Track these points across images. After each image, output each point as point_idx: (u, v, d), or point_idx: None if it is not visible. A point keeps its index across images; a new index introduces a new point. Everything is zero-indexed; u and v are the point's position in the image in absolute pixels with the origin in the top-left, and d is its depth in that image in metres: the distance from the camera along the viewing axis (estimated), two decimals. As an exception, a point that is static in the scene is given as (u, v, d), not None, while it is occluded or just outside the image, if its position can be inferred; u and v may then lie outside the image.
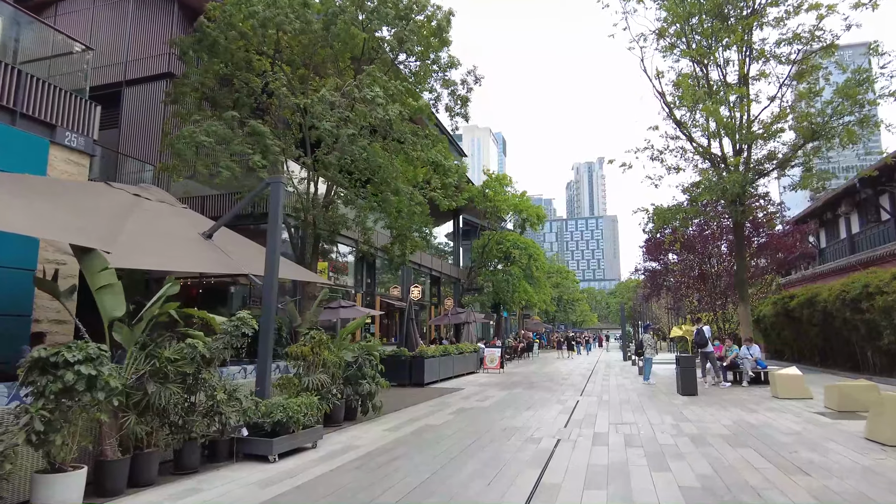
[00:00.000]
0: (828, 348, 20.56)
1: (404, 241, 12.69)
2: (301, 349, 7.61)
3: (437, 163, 10.80)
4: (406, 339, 15.66)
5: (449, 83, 11.89)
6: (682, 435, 7.59)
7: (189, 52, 12.01)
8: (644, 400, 11.70)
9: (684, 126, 15.97)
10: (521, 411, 10.05)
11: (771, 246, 20.40)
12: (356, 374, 8.95)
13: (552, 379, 17.40)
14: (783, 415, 9.16)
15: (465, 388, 14.41)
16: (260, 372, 6.82)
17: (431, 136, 11.31)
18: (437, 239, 32.22)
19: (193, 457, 5.69)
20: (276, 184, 7.10)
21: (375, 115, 9.06)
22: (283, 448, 6.30)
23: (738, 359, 14.77)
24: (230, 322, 5.88)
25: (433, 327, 29.49)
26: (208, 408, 5.87)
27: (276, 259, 6.95)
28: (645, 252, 25.47)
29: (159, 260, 6.63)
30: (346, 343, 8.88)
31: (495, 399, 11.96)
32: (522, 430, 8.11)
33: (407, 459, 6.20)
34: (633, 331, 45.23)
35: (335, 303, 16.62)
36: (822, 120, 13.84)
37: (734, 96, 15.46)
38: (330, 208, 11.84)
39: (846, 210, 24.27)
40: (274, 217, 7.03)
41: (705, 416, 9.21)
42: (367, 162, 9.89)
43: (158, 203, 7.67)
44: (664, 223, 16.00)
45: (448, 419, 9.12)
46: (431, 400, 11.71)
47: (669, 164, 15.94)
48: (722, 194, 14.40)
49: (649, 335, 17.28)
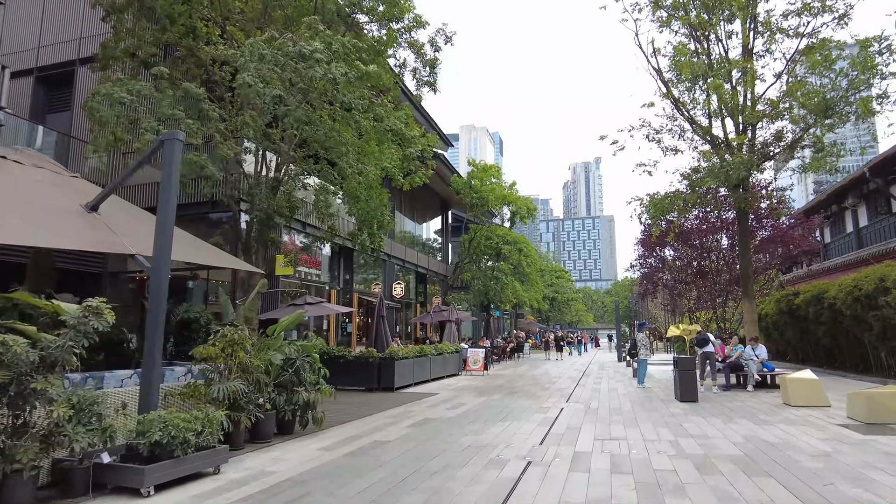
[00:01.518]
0: (836, 348, 19.15)
1: (370, 226, 11.17)
2: (208, 350, 6.10)
3: (396, 131, 9.29)
4: (375, 339, 14.15)
5: (415, 45, 10.39)
6: (682, 457, 6.11)
7: (119, 14, 10.49)
8: (637, 408, 10.24)
9: (682, 105, 14.52)
10: (492, 423, 8.56)
11: (776, 239, 18.96)
12: (291, 380, 7.46)
13: (538, 383, 15.92)
14: (803, 429, 7.70)
15: (439, 393, 12.92)
16: (145, 379, 5.32)
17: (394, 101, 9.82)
18: (423, 235, 30.77)
19: (22, 491, 4.19)
20: (172, 141, 5.60)
21: (314, 76, 7.55)
22: (163, 477, 4.80)
23: (743, 359, 13.34)
24: (74, 314, 4.37)
25: (418, 326, 27.99)
26: (50, 428, 4.38)
27: (167, 236, 5.45)
28: (640, 246, 24.01)
29: (10, 233, 5.12)
30: (275, 343, 7.36)
31: (468, 407, 10.47)
32: (487, 448, 6.62)
33: (321, 496, 4.71)
34: (628, 330, 43.80)
35: (300, 299, 15.13)
36: (837, 94, 12.40)
37: (737, 73, 14.03)
38: (281, 189, 10.34)
39: (853, 202, 22.87)
40: (168, 180, 5.53)
41: (710, 430, 7.74)
42: (311, 131, 8.39)
43: (33, 168, 6.15)
44: (661, 213, 14.53)
45: (403, 434, 7.63)
46: (395, 408, 10.22)
47: (667, 145, 14.48)
48: (725, 179, 12.95)
49: (643, 334, 15.81)
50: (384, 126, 9.18)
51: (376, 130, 9.32)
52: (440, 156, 26.01)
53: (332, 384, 13.87)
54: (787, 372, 14.23)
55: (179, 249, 6.36)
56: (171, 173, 5.52)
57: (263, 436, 7.07)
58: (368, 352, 13.24)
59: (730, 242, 20.84)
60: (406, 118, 9.89)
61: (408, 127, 9.76)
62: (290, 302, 15.58)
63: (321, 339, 8.00)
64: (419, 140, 10.24)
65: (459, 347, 19.05)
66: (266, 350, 7.02)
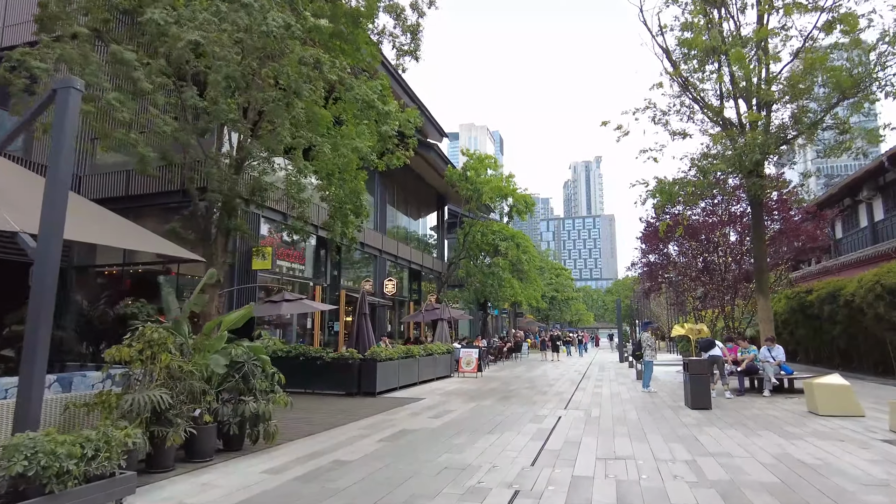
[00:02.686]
0: (852, 349, 18.01)
1: (344, 214, 10.00)
2: (121, 352, 4.96)
3: (369, 102, 8.11)
4: (357, 339, 13.00)
5: (394, 8, 9.20)
6: (703, 483, 4.98)
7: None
8: (645, 417, 9.09)
9: (692, 86, 13.35)
10: (479, 436, 7.42)
11: (789, 233, 17.79)
12: (236, 388, 6.32)
13: (534, 386, 14.77)
14: (842, 445, 6.55)
15: (425, 398, 11.78)
16: (22, 389, 4.17)
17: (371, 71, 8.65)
18: (419, 231, 29.61)
19: None
20: (66, 90, 4.46)
21: (238, 22, 6.38)
22: (34, 520, 3.67)
23: (758, 362, 12.20)
24: None
25: (412, 325, 26.85)
26: None
27: (58, 210, 4.31)
28: (643, 241, 22.82)
29: None
30: (216, 343, 6.21)
31: (454, 415, 9.33)
32: (468, 472, 5.49)
33: (237, 546, 3.57)
34: (630, 329, 42.64)
35: (278, 295, 14.01)
36: (864, 70, 11.24)
37: (752, 50, 12.86)
38: (251, 173, 9.21)
39: (868, 195, 21.71)
40: (60, 138, 4.39)
41: (731, 447, 6.60)
42: (261, 99, 7.23)
43: None
44: (668, 200, 13.35)
45: (371, 451, 6.49)
46: (371, 417, 9.07)
47: (675, 128, 13.30)
48: (738, 163, 11.79)
49: (648, 334, 14.65)
50: (354, 95, 8.00)
51: (346, 102, 8.15)
52: (436, 148, 24.86)
53: (308, 388, 12.87)
54: (805, 374, 13.10)
55: (86, 229, 5.22)
56: (64, 129, 4.39)
57: (202, 454, 5.94)
58: (349, 352, 12.09)
59: (738, 238, 19.69)
60: (383, 89, 8.73)
61: (383, 100, 8.58)
62: (266, 298, 14.47)
63: (276, 339, 6.85)
64: (397, 115, 9.04)
65: (451, 347, 17.89)
66: (205, 352, 5.88)
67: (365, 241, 21.92)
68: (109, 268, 15.72)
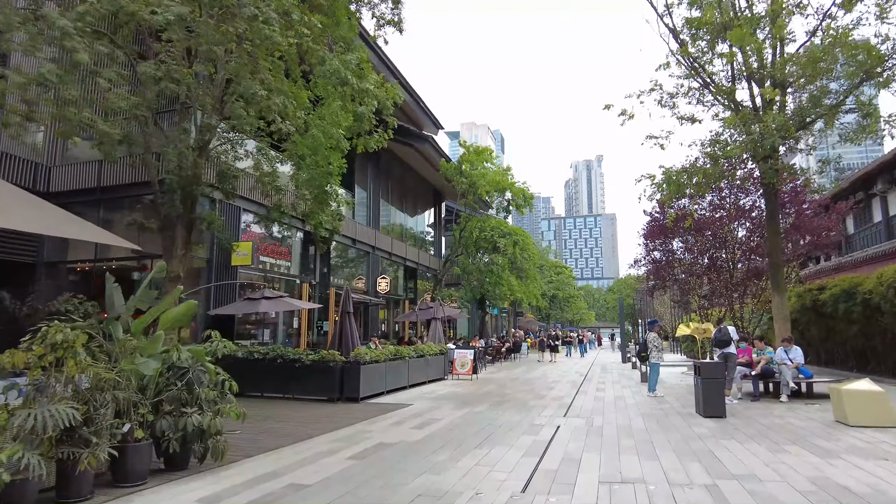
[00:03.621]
0: (869, 350, 17.04)
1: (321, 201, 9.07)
2: (15, 357, 4.04)
3: (343, 79, 7.18)
4: (340, 340, 12.07)
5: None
6: (733, 519, 4.05)
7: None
8: (652, 426, 8.16)
9: (701, 67, 12.40)
10: (465, 451, 6.49)
11: (802, 227, 16.84)
12: (178, 398, 5.40)
13: (533, 389, 13.83)
14: (889, 465, 5.61)
15: (413, 403, 10.86)
16: None
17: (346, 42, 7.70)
18: (416, 227, 28.69)
19: None
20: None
21: None
22: None
23: (773, 364, 11.26)
24: None
25: (407, 325, 25.92)
26: None
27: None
28: (646, 237, 21.83)
29: None
30: (150, 346, 5.28)
31: (441, 424, 8.40)
32: (447, 497, 4.57)
33: None
34: (632, 329, 41.64)
35: (257, 293, 13.11)
36: (891, 46, 10.29)
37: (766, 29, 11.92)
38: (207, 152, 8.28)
39: (883, 188, 20.72)
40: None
41: (756, 465, 5.66)
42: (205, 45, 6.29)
43: None
44: (677, 190, 12.40)
45: (336, 471, 5.56)
46: (347, 427, 8.15)
47: (682, 112, 12.39)
48: (753, 148, 10.84)
49: (654, 334, 13.69)
50: (325, 70, 7.08)
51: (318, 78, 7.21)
52: (431, 140, 23.93)
53: (286, 394, 11.92)
54: (823, 378, 12.17)
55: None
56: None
57: (133, 476, 5.02)
58: (330, 354, 11.17)
59: (746, 234, 18.72)
60: (360, 62, 7.80)
61: (360, 75, 7.64)
62: (245, 296, 13.57)
63: (226, 341, 5.93)
64: (375, 93, 8.07)
65: (445, 348, 16.97)
66: (132, 356, 4.95)
67: (357, 236, 21.01)
68: (82, 264, 14.85)
